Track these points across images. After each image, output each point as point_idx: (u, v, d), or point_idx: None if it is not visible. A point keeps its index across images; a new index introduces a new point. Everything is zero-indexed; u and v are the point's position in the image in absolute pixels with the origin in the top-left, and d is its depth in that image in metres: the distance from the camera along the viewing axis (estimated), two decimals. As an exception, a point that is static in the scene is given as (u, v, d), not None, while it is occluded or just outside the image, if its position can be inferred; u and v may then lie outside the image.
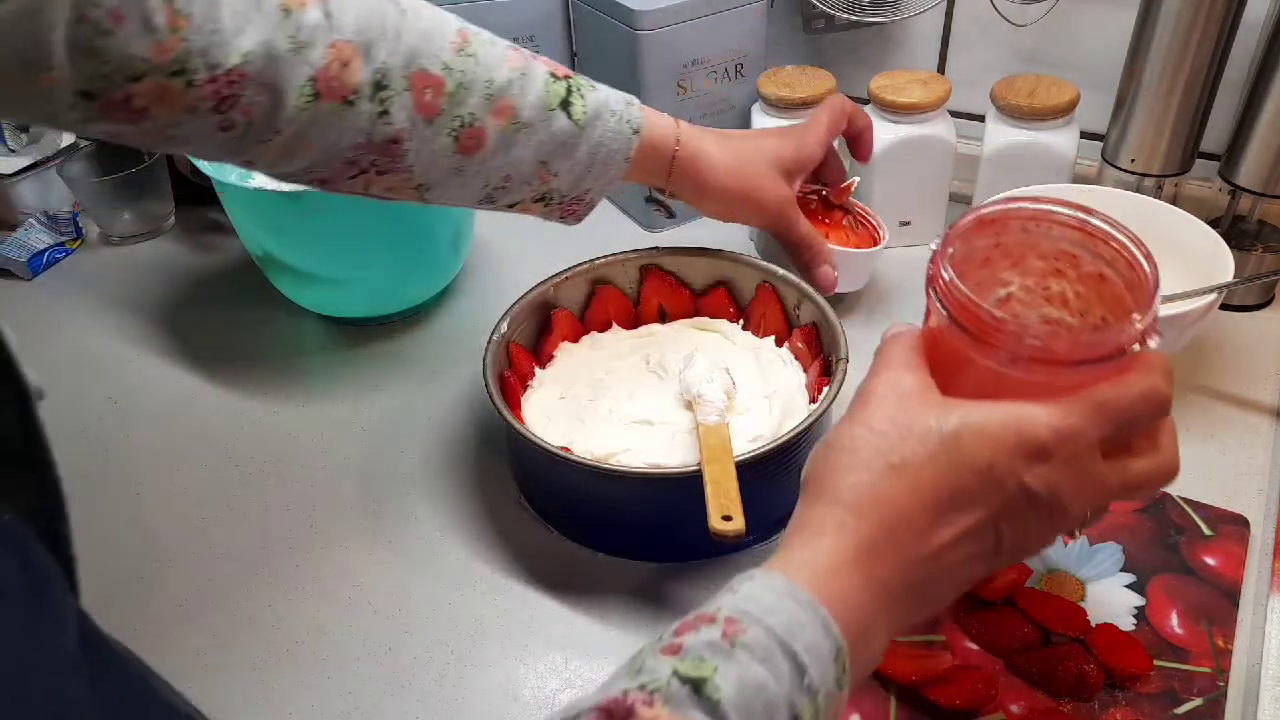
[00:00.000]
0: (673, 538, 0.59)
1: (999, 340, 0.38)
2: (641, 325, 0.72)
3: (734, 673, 0.33)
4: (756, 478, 0.54)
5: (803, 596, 0.35)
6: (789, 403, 0.63)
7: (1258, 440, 0.65)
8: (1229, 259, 0.65)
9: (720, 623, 0.34)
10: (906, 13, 0.84)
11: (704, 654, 0.33)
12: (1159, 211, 0.72)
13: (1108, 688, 0.50)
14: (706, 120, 0.87)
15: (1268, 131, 0.70)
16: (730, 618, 0.34)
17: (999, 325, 0.38)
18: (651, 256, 0.71)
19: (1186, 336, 0.65)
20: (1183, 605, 0.54)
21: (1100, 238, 0.41)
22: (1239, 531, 0.57)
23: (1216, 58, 0.71)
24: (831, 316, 0.64)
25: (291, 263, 0.76)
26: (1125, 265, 0.41)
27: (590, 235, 0.70)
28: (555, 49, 0.93)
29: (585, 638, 0.56)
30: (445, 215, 0.77)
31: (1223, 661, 0.51)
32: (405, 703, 0.53)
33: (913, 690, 0.50)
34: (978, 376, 0.39)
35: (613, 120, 0.60)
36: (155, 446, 0.71)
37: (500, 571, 0.60)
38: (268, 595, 0.59)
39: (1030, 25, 0.82)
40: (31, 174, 0.93)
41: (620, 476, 0.57)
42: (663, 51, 0.81)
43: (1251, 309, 0.76)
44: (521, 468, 0.65)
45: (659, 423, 0.62)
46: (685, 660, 0.33)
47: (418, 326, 0.81)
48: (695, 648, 0.33)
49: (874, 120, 0.80)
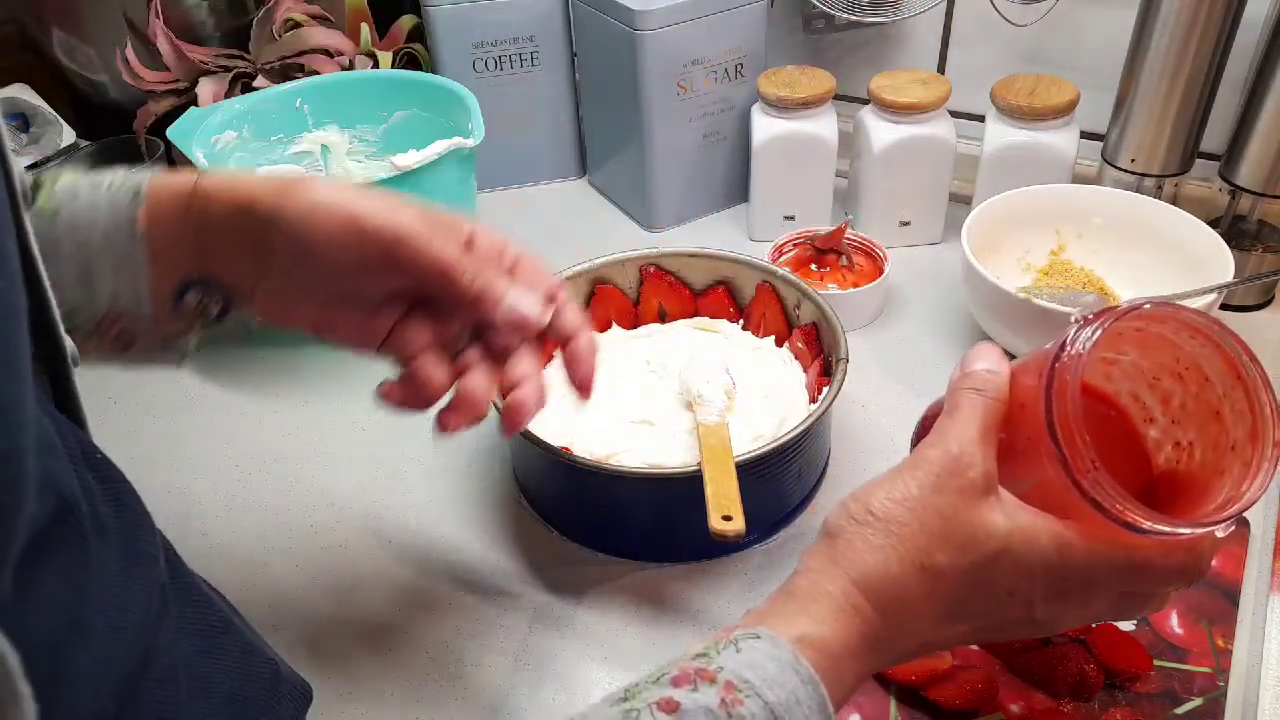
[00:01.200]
0: (673, 538, 0.59)
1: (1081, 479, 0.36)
2: (641, 325, 0.72)
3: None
4: (756, 478, 0.54)
5: (806, 673, 0.35)
6: (789, 403, 0.63)
7: (1258, 440, 0.64)
8: (1229, 259, 0.65)
9: (720, 686, 0.34)
10: (906, 13, 0.84)
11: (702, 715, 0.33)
12: (1159, 211, 0.72)
13: (1108, 688, 0.50)
14: (707, 120, 0.87)
15: (1268, 131, 0.70)
16: (730, 683, 0.34)
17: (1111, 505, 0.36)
18: (651, 256, 0.71)
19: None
20: (1183, 605, 0.54)
21: (1246, 386, 0.38)
22: (1239, 531, 0.57)
23: (1216, 57, 0.71)
24: (832, 316, 0.64)
25: (291, 263, 0.76)
26: (1248, 432, 0.37)
27: (590, 235, 0.70)
28: (555, 49, 0.93)
29: (585, 638, 0.56)
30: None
31: (1223, 661, 0.51)
32: (404, 702, 0.53)
33: (913, 690, 0.50)
34: (1045, 469, 0.37)
35: (103, 192, 0.44)
36: (155, 446, 0.71)
37: (500, 571, 0.60)
38: (267, 595, 0.59)
39: (1030, 25, 0.82)
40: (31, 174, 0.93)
41: (620, 476, 0.57)
42: (663, 51, 0.81)
43: (1251, 309, 0.76)
44: (521, 468, 0.65)
45: (659, 423, 0.62)
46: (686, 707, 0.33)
47: (418, 326, 0.81)
48: (691, 711, 0.33)
49: (874, 120, 0.80)
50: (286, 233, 0.43)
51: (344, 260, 0.43)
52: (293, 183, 0.44)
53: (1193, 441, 0.40)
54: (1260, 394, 0.37)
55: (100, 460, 0.35)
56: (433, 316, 0.46)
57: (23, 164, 0.92)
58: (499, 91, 0.93)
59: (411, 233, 0.43)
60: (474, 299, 0.44)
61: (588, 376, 0.47)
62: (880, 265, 0.78)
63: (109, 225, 0.43)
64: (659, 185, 0.89)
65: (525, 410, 0.45)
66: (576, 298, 0.71)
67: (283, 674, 0.43)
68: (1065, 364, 0.37)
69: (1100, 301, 0.71)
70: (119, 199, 0.43)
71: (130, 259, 0.43)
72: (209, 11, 0.91)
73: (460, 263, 0.44)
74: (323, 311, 0.46)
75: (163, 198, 0.43)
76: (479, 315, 0.45)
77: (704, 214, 0.93)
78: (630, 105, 0.85)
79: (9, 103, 0.94)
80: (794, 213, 0.86)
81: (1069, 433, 0.36)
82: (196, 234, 0.44)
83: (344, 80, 0.86)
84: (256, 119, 0.83)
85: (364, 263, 0.43)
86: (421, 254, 0.43)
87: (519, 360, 0.47)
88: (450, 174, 0.75)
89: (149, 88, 0.87)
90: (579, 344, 0.47)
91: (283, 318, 0.46)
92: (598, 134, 0.96)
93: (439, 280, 0.44)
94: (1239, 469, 0.37)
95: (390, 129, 0.87)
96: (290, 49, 0.88)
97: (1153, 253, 0.71)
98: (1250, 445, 0.37)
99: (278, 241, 0.43)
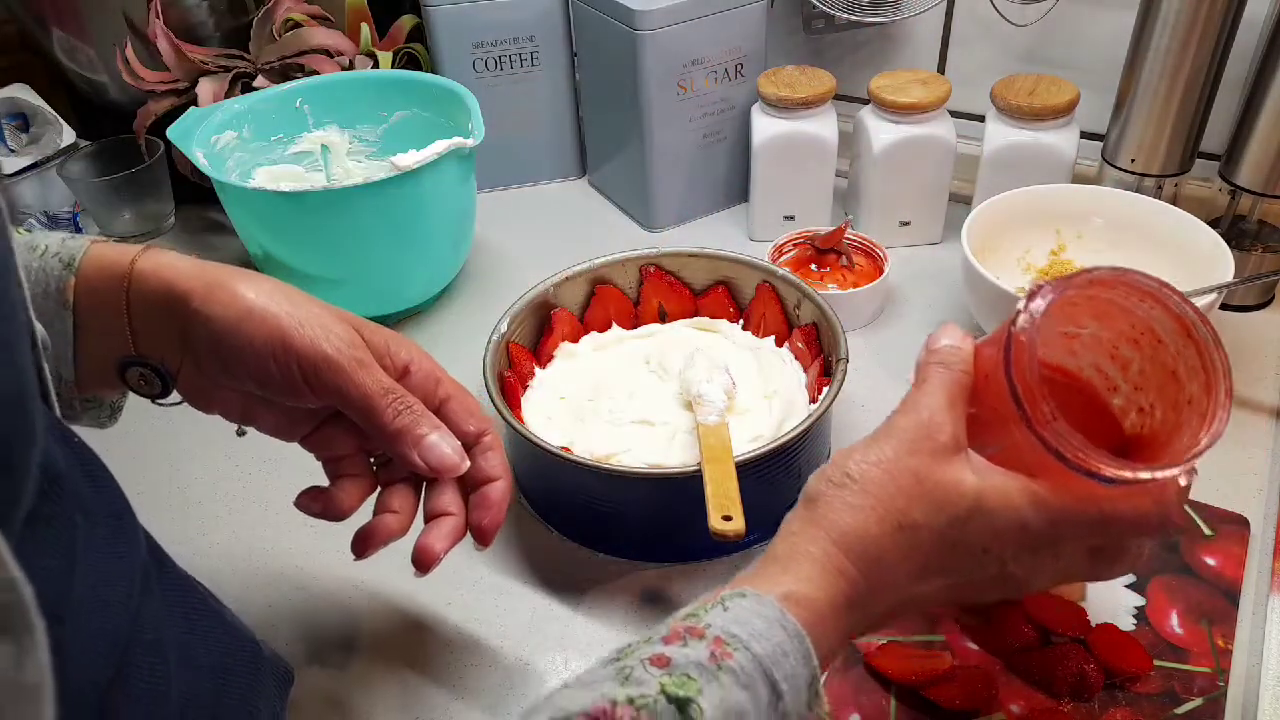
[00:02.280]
0: (673, 538, 0.59)
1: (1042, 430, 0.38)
2: (641, 325, 0.72)
3: (717, 695, 0.34)
4: (756, 478, 0.54)
5: (791, 627, 0.36)
6: (789, 403, 0.63)
7: (1258, 440, 0.64)
8: (1229, 259, 0.65)
9: (709, 641, 0.35)
10: (906, 13, 0.84)
11: (690, 672, 0.34)
12: (1158, 211, 0.72)
13: (1108, 688, 0.50)
14: (707, 120, 0.87)
15: (1268, 131, 0.70)
16: (719, 638, 0.35)
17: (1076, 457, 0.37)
18: (651, 256, 0.71)
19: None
20: (1183, 605, 0.54)
21: (1198, 344, 0.40)
22: (1239, 531, 0.57)
23: (1216, 58, 0.70)
24: (832, 316, 0.64)
25: (291, 263, 0.76)
26: (1202, 386, 0.40)
27: (590, 235, 0.70)
28: (555, 49, 0.93)
29: (585, 638, 0.56)
30: (445, 215, 0.77)
31: (1223, 661, 0.51)
32: (405, 702, 0.53)
33: (913, 690, 0.50)
34: (1012, 433, 0.39)
35: (35, 258, 0.43)
36: (155, 446, 0.71)
37: (500, 571, 0.60)
38: (266, 596, 0.59)
39: (1030, 25, 0.82)
40: (31, 174, 0.93)
41: (620, 476, 0.57)
42: (663, 51, 0.81)
43: (1251, 309, 0.76)
44: (521, 468, 0.65)
45: (659, 423, 0.62)
46: (672, 676, 0.34)
47: (418, 326, 0.81)
48: (683, 664, 0.34)
49: (874, 120, 0.80)
50: (212, 334, 0.43)
51: (267, 372, 0.43)
52: (226, 281, 0.43)
53: (1153, 404, 0.42)
54: (1210, 350, 0.40)
55: (76, 441, 0.35)
56: (356, 424, 0.46)
57: (21, 163, 0.92)
58: (499, 91, 0.93)
59: (337, 361, 0.43)
60: (392, 436, 0.44)
61: (492, 525, 0.47)
62: (880, 265, 0.78)
63: (36, 291, 0.42)
64: (659, 185, 0.89)
65: (434, 557, 0.46)
66: (577, 298, 0.71)
67: (264, 653, 0.44)
68: (1020, 324, 0.39)
69: None
70: (49, 266, 0.42)
71: (56, 325, 0.43)
72: (209, 11, 0.91)
73: (384, 398, 0.44)
74: (246, 404, 0.47)
75: (96, 271, 0.43)
76: (396, 452, 0.45)
77: (704, 214, 0.93)
78: (630, 105, 0.85)
79: (9, 103, 0.94)
80: (794, 213, 0.86)
81: (1027, 386, 0.38)
82: (129, 313, 0.43)
83: (344, 80, 0.86)
84: (256, 119, 0.83)
85: (287, 379, 0.43)
86: (345, 383, 0.43)
87: (442, 490, 0.47)
88: (450, 174, 0.75)
89: (149, 88, 0.87)
90: (492, 489, 0.47)
91: (205, 404, 0.47)
92: (598, 134, 0.96)
93: (360, 411, 0.44)
94: (1196, 421, 0.39)
95: (390, 129, 0.87)
96: (290, 49, 0.88)
97: (1153, 253, 0.71)
98: (1205, 397, 0.39)
99: (202, 338, 0.43)
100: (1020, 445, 0.39)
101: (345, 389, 0.43)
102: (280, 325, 0.43)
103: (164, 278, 0.43)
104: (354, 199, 0.71)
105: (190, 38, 0.88)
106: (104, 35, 0.88)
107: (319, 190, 0.75)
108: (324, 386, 0.43)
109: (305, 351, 0.43)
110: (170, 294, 0.43)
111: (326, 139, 0.87)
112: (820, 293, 0.66)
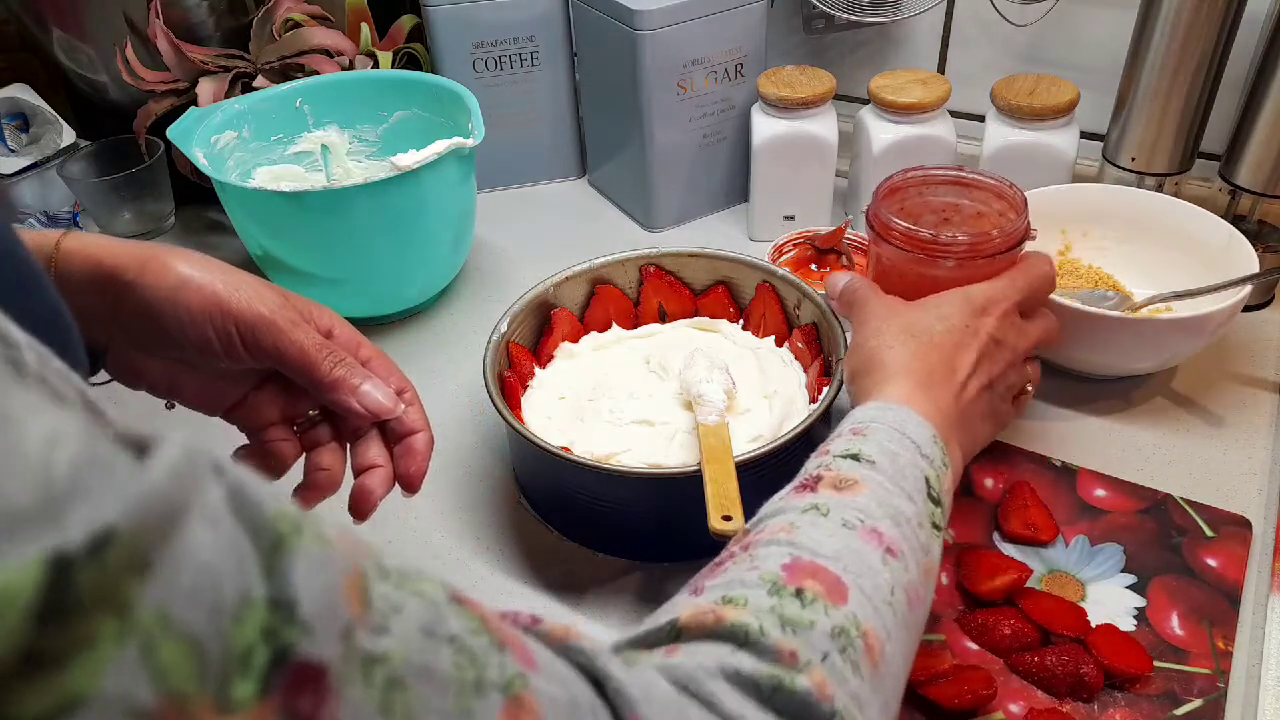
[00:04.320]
0: (673, 538, 0.59)
1: (942, 251, 0.56)
2: (641, 325, 0.72)
3: (874, 444, 0.45)
4: (756, 478, 0.54)
5: (895, 407, 0.48)
6: (789, 403, 0.63)
7: (1258, 440, 0.64)
8: (1249, 250, 0.65)
9: (847, 431, 0.47)
10: (906, 13, 0.84)
11: (849, 442, 0.45)
12: (1169, 207, 0.72)
13: (1108, 688, 0.50)
14: (706, 120, 0.87)
15: (1268, 131, 0.70)
16: (854, 427, 0.47)
17: (941, 243, 0.56)
18: (651, 256, 0.71)
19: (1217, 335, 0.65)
20: (1183, 606, 0.54)
21: (973, 185, 0.61)
22: (1240, 533, 0.57)
23: (1216, 57, 0.70)
24: (832, 316, 0.64)
25: (291, 263, 0.76)
26: (996, 196, 0.60)
27: (590, 235, 0.70)
28: (555, 49, 0.93)
29: (585, 638, 0.55)
30: (445, 215, 0.77)
31: (1223, 662, 0.51)
32: (405, 703, 0.53)
33: (913, 690, 0.50)
34: (923, 288, 0.56)
35: None
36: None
37: (500, 571, 0.60)
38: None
39: (1030, 25, 0.82)
40: (31, 174, 0.93)
41: (620, 476, 0.57)
42: (663, 51, 0.81)
43: (1251, 309, 0.76)
44: (521, 468, 0.65)
45: (659, 423, 0.62)
46: (838, 445, 0.46)
47: (418, 326, 0.81)
48: (841, 442, 0.46)
49: (874, 120, 0.80)
50: (147, 305, 0.44)
51: (205, 338, 0.45)
52: (157, 254, 0.45)
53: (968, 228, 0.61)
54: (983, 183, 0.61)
55: None
56: (283, 390, 0.49)
57: (21, 163, 0.92)
58: (499, 91, 0.93)
59: (274, 319, 0.46)
60: (330, 385, 0.47)
61: (419, 473, 0.49)
62: None
63: None
64: (659, 185, 0.89)
65: (373, 498, 0.48)
66: (577, 298, 0.71)
67: None
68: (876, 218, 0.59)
69: (1121, 300, 0.71)
70: None
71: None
72: (209, 11, 0.91)
73: (320, 351, 0.47)
74: (171, 372, 0.48)
75: None
76: (334, 401, 0.47)
77: (704, 214, 0.93)
78: (630, 105, 0.85)
79: (9, 103, 0.94)
80: (794, 213, 0.86)
81: (880, 224, 0.58)
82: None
83: (344, 80, 0.86)
84: (256, 119, 0.83)
85: (225, 343, 0.45)
86: (283, 339, 0.46)
87: (368, 445, 0.49)
88: (450, 174, 0.75)
89: (149, 88, 0.87)
90: (416, 440, 0.50)
91: (133, 380, 0.48)
92: (598, 134, 0.96)
93: (298, 366, 0.46)
94: (1017, 210, 0.58)
95: (390, 129, 0.87)
96: (290, 49, 0.88)
97: (1163, 248, 0.71)
98: (1011, 210, 0.58)
99: (133, 311, 0.44)
100: (930, 283, 0.56)
101: (283, 347, 0.46)
102: (216, 291, 0.45)
103: (91, 254, 0.44)
104: (354, 199, 0.71)
105: (190, 38, 0.88)
106: (104, 35, 0.88)
107: (319, 190, 0.75)
108: (261, 347, 0.46)
109: (243, 314, 0.45)
110: (99, 270, 0.44)
111: (326, 139, 0.87)
112: (820, 293, 0.66)
